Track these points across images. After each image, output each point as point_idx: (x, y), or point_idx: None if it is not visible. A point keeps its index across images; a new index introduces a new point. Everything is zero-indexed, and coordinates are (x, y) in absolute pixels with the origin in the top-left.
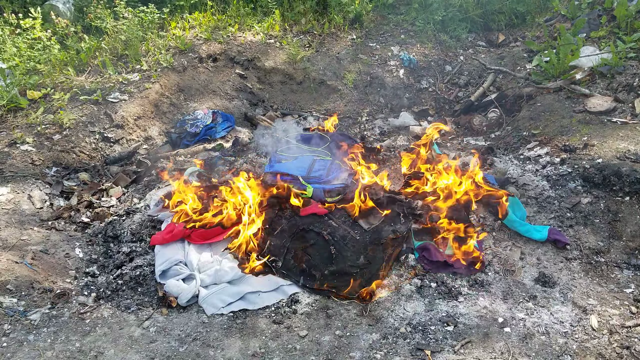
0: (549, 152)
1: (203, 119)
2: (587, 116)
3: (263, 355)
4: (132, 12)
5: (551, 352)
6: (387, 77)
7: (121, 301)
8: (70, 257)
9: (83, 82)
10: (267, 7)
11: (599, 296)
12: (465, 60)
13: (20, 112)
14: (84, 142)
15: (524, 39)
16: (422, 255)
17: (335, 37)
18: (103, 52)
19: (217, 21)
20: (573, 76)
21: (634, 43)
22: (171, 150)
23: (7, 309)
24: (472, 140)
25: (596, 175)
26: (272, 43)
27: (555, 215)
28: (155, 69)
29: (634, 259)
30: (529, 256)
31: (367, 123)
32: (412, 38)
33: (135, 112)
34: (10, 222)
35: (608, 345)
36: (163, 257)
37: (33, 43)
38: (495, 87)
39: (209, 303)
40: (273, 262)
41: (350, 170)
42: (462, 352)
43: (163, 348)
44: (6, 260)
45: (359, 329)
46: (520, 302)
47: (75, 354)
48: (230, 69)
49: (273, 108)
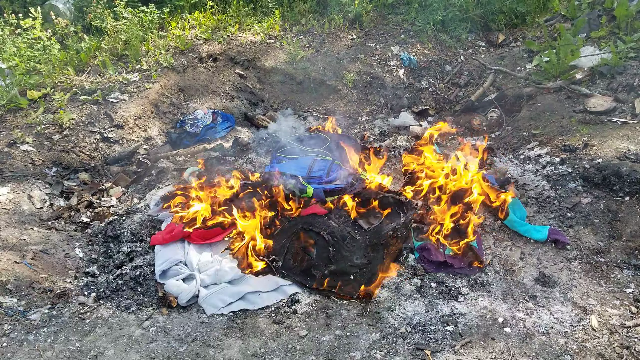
0: (549, 152)
1: (203, 119)
2: (587, 116)
3: (263, 355)
4: (132, 12)
5: (551, 352)
6: (387, 77)
7: (121, 301)
8: (70, 257)
9: (83, 82)
10: (267, 7)
11: (599, 296)
12: (465, 60)
13: (20, 112)
14: (84, 142)
15: (524, 39)
16: (422, 255)
17: (335, 37)
18: (103, 52)
19: (217, 21)
20: (573, 76)
21: (634, 43)
22: (171, 150)
23: (7, 309)
24: (472, 140)
25: (596, 175)
26: (272, 43)
27: (555, 215)
28: (155, 69)
29: (634, 259)
30: (529, 256)
31: (367, 123)
32: (412, 38)
33: (135, 112)
34: (10, 222)
35: (608, 345)
36: (163, 257)
37: (33, 43)
38: (495, 87)
39: (209, 303)
40: (273, 262)
41: (350, 170)
42: (462, 352)
43: (163, 348)
44: (6, 260)
45: (359, 329)
46: (520, 302)
47: (75, 354)
48: (230, 69)
49: (273, 108)
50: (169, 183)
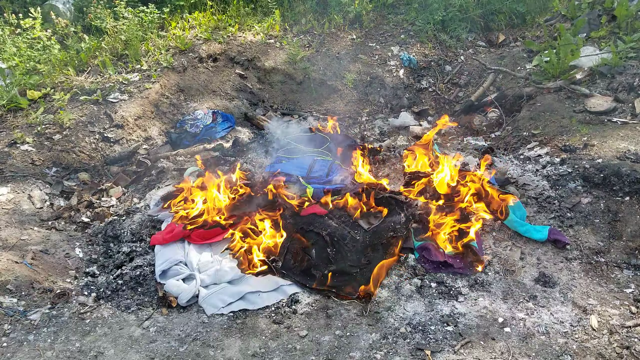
0: (549, 152)
1: (203, 119)
2: (587, 116)
3: (263, 355)
4: (132, 12)
5: (551, 352)
6: (387, 77)
7: (121, 301)
8: (70, 257)
9: (83, 82)
10: (267, 7)
11: (599, 296)
12: (465, 60)
13: (20, 112)
14: (84, 142)
15: (524, 39)
16: (422, 255)
17: (335, 37)
18: (103, 52)
19: (217, 21)
20: (573, 76)
21: (634, 43)
22: (171, 150)
23: (7, 309)
24: (472, 140)
25: (596, 175)
26: (272, 43)
27: (555, 215)
28: (155, 69)
29: (634, 259)
30: (529, 256)
31: (367, 123)
32: (412, 38)
33: (135, 112)
34: (11, 222)
35: (608, 345)
36: (163, 257)
37: (33, 43)
38: (495, 87)
39: (209, 303)
40: (273, 262)
41: (351, 170)
42: (462, 352)
43: (163, 348)
44: (6, 260)
45: (359, 329)
46: (520, 302)
47: (75, 354)
48: (230, 69)
49: (273, 108)
50: (169, 183)
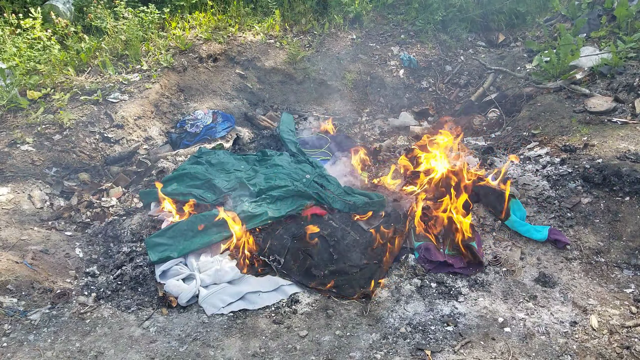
0: (549, 152)
1: (203, 119)
2: (587, 116)
3: (263, 355)
4: (132, 12)
5: (551, 352)
6: (387, 77)
7: (121, 301)
8: (70, 257)
9: (83, 82)
10: (267, 7)
11: (599, 296)
12: (465, 60)
13: (20, 112)
14: (84, 142)
15: (524, 39)
16: (422, 255)
17: (335, 37)
18: (103, 52)
19: (217, 21)
20: (573, 76)
21: (634, 43)
22: (171, 150)
23: (7, 309)
24: (472, 140)
25: (596, 175)
26: (272, 43)
27: (555, 215)
28: (155, 69)
29: (634, 259)
30: (529, 256)
31: (367, 123)
32: (412, 38)
33: (135, 112)
34: (11, 222)
35: (608, 345)
36: None
37: (33, 43)
38: (495, 87)
39: (209, 303)
40: (273, 261)
41: (350, 169)
42: (462, 352)
43: (163, 348)
44: (6, 260)
45: (359, 329)
46: (520, 302)
47: (75, 354)
48: (230, 69)
49: (273, 108)
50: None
